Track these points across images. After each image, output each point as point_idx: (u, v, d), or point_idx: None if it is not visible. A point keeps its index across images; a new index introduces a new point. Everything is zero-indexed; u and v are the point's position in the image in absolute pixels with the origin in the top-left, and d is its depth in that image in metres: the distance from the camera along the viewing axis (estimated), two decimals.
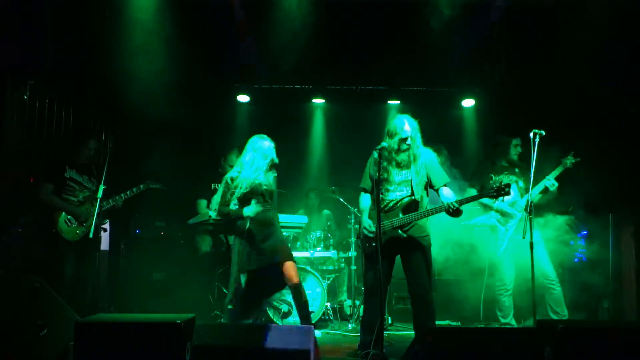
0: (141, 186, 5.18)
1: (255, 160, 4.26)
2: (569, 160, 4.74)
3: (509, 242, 4.80)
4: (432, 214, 3.89)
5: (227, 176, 4.32)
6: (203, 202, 5.70)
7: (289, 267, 4.18)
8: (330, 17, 5.73)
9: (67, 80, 5.58)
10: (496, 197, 3.86)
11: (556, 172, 4.74)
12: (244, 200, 4.19)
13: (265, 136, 4.36)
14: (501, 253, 4.84)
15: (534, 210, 4.62)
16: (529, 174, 4.68)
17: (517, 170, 4.99)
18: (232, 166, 5.64)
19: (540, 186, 4.71)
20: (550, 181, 4.71)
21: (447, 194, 3.93)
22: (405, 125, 3.97)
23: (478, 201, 4.84)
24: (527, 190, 4.67)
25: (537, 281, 4.41)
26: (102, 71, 5.67)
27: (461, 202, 3.79)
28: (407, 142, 3.96)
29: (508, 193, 3.82)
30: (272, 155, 4.29)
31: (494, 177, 4.94)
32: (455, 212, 3.78)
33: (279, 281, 4.27)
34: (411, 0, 5.81)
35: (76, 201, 4.83)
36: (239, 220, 4.20)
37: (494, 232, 4.91)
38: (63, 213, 4.72)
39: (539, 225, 4.66)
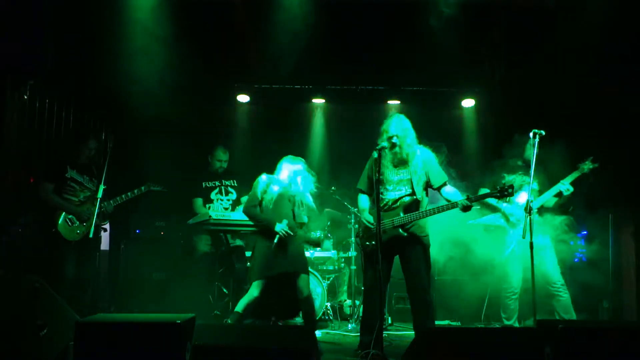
0: (142, 188, 5.18)
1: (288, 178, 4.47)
2: (587, 166, 4.61)
3: (517, 244, 4.66)
4: (435, 213, 3.89)
5: (261, 179, 4.47)
6: (199, 201, 5.68)
7: (302, 280, 4.27)
8: (330, 17, 5.73)
9: (67, 80, 5.58)
10: (499, 197, 3.86)
11: (572, 177, 4.61)
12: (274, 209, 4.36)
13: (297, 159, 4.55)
14: (508, 255, 4.73)
15: (540, 211, 4.62)
16: (544, 176, 4.65)
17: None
18: (220, 161, 5.68)
19: (554, 190, 4.59)
20: (565, 185, 4.56)
21: (450, 191, 3.95)
22: (392, 124, 4.00)
23: (487, 203, 4.80)
24: (540, 193, 4.64)
25: (542, 287, 4.43)
26: (102, 71, 5.67)
27: (474, 199, 3.79)
28: (392, 140, 3.98)
29: (512, 194, 3.82)
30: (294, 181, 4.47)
31: (506, 177, 4.73)
32: (466, 208, 3.79)
33: (293, 293, 4.30)
34: (411, 0, 5.81)
35: (77, 201, 4.83)
36: (265, 227, 4.32)
37: (502, 233, 4.83)
38: (63, 213, 4.72)
39: (539, 225, 4.59)
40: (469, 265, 5.31)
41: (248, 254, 5.24)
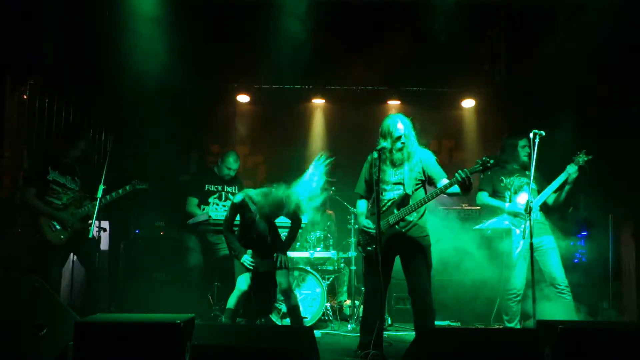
0: (127, 187, 4.95)
1: None
2: (581, 159, 4.54)
3: (523, 245, 4.57)
4: (428, 201, 3.84)
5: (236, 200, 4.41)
6: (194, 200, 5.52)
7: (281, 275, 4.33)
8: (329, 17, 5.73)
9: (67, 80, 5.59)
10: (482, 171, 3.71)
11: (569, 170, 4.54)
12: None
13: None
14: (515, 257, 4.66)
15: (544, 210, 4.60)
16: (541, 176, 4.63)
17: (528, 172, 4.69)
18: (229, 169, 5.57)
19: (560, 179, 4.53)
20: (572, 168, 4.49)
21: (446, 182, 3.89)
22: (397, 124, 3.94)
23: (488, 205, 4.79)
24: (539, 192, 4.62)
25: (548, 288, 4.45)
26: (102, 71, 5.67)
27: (472, 171, 3.62)
28: (401, 141, 3.94)
29: (496, 164, 3.69)
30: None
31: (504, 180, 4.78)
32: (468, 186, 3.64)
33: (275, 287, 4.36)
34: (411, 0, 5.82)
35: (60, 204, 4.59)
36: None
37: (508, 236, 4.77)
38: (46, 218, 4.49)
39: (544, 225, 4.59)
40: (469, 266, 5.30)
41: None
